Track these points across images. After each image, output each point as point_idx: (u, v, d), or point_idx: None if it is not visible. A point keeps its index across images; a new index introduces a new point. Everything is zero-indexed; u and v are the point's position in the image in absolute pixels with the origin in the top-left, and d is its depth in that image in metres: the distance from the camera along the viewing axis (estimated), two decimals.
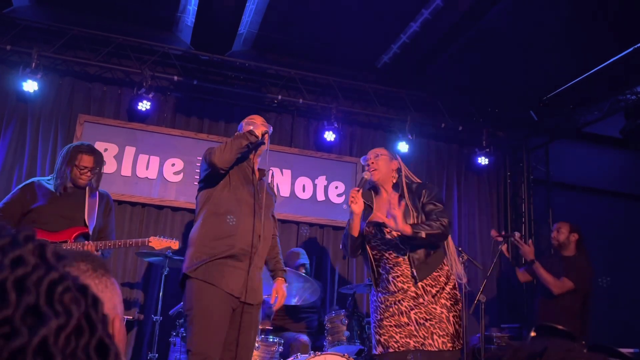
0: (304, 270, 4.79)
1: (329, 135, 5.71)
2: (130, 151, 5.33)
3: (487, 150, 6.16)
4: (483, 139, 6.17)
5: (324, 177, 5.85)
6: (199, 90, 5.60)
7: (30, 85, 4.94)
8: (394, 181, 3.24)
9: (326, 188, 5.83)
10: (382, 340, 2.94)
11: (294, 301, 4.39)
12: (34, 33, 5.16)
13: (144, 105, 5.24)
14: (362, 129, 6.21)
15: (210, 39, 5.37)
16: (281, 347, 3.96)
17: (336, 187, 5.87)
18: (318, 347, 4.60)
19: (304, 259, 4.93)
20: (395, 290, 3.00)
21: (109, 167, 5.23)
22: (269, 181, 3.64)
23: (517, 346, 0.62)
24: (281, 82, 5.75)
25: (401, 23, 5.16)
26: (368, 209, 3.20)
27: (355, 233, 3.12)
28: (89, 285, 0.48)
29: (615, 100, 5.68)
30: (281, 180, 5.65)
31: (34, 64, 4.95)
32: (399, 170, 3.28)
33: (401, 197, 3.13)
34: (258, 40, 5.54)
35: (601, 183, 7.14)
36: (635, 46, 5.09)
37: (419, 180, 3.34)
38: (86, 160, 3.49)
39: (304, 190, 5.75)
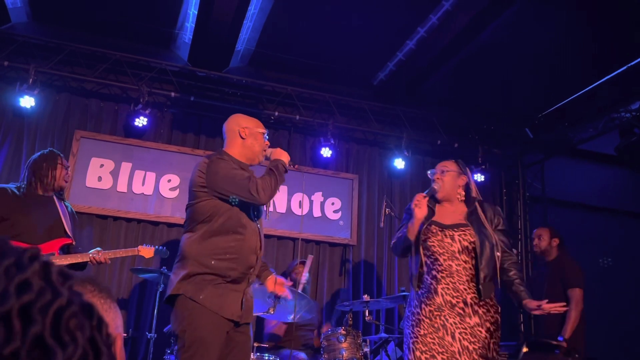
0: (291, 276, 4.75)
1: (326, 152, 5.72)
2: (126, 167, 5.32)
3: (483, 167, 6.17)
4: (479, 155, 6.19)
5: (320, 193, 5.84)
6: (196, 107, 5.61)
7: (27, 101, 4.94)
8: (460, 198, 3.10)
9: (322, 204, 5.82)
10: (422, 358, 2.76)
11: (290, 318, 4.35)
12: (32, 49, 5.18)
13: (141, 121, 5.25)
14: (359, 145, 6.23)
15: (208, 55, 5.40)
16: None
17: (332, 204, 5.86)
18: None
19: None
20: (443, 303, 2.82)
21: (105, 183, 5.22)
22: None
23: None
24: (278, 99, 5.78)
25: (397, 41, 5.21)
26: (430, 211, 3.06)
27: (413, 237, 2.97)
28: (95, 305, 0.46)
29: (610, 118, 5.72)
30: (277, 196, 5.63)
31: (31, 79, 4.96)
32: (467, 186, 3.13)
33: (472, 213, 3.02)
34: (255, 57, 5.58)
35: (596, 200, 7.16)
36: (629, 65, 5.14)
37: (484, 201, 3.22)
38: (65, 162, 3.48)
39: (300, 207, 5.74)
